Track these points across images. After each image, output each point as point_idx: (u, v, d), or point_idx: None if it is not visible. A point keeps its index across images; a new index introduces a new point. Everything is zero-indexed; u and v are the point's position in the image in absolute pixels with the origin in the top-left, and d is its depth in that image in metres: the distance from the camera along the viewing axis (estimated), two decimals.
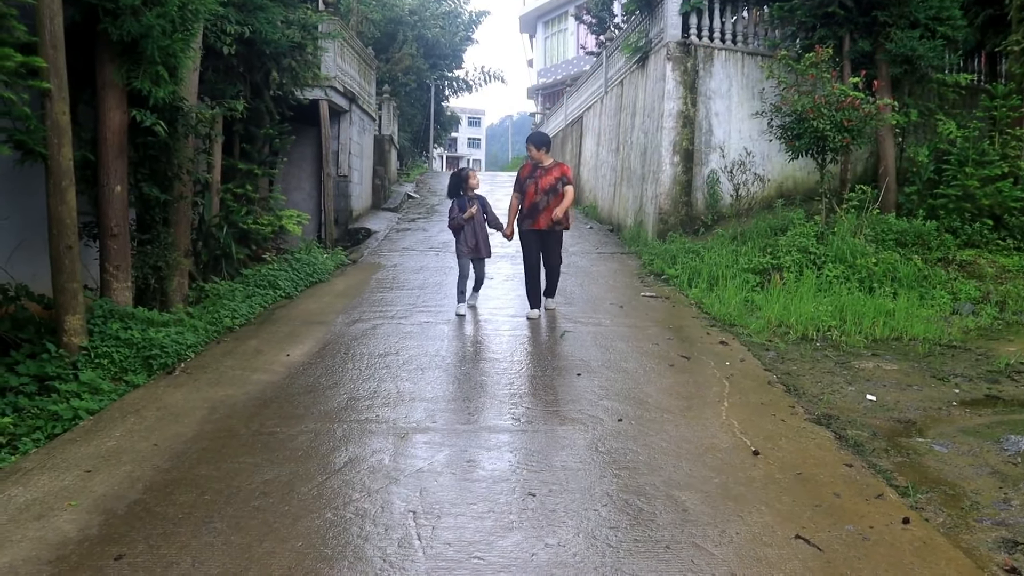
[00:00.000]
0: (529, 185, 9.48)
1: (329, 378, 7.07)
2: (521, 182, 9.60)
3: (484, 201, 10.07)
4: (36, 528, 4.09)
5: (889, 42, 13.35)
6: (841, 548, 3.94)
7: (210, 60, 10.53)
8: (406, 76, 31.16)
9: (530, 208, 9.47)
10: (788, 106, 12.21)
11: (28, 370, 6.48)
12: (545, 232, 9.50)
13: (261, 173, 12.79)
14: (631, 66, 17.66)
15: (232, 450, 5.25)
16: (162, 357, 7.30)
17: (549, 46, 48.88)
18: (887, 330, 9.02)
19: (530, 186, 9.47)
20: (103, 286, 8.01)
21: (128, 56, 7.68)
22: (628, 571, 3.69)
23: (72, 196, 6.82)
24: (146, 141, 8.26)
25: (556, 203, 9.32)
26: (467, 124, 74.22)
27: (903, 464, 5.22)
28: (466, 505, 4.42)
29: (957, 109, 14.91)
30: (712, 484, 4.75)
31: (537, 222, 9.44)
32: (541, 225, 9.43)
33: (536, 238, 9.57)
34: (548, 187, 9.38)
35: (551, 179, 9.41)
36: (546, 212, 9.36)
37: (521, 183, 9.59)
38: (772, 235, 13.09)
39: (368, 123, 21.10)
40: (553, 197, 9.36)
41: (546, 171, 9.47)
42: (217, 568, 3.66)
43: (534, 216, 9.45)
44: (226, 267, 11.16)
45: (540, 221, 9.42)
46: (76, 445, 5.34)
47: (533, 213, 9.45)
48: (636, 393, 6.69)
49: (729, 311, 9.82)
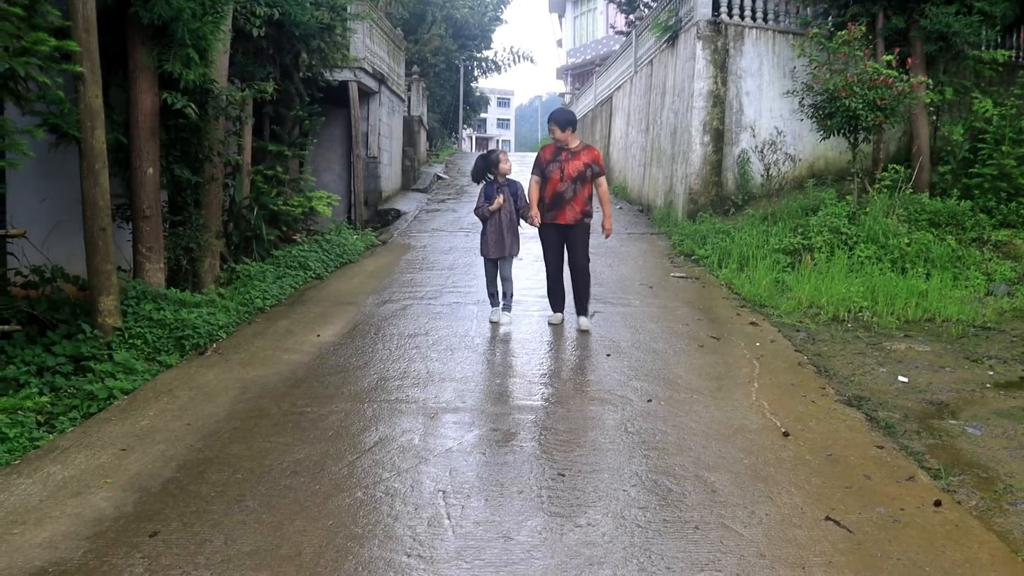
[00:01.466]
0: (553, 170, 7.98)
1: (359, 358, 7.12)
2: (543, 166, 8.07)
3: (517, 188, 8.41)
4: (74, 505, 4.16)
5: (924, 19, 13.11)
6: (871, 530, 3.92)
7: (240, 42, 10.57)
8: (435, 57, 31.11)
9: (553, 198, 7.99)
10: (820, 85, 12.05)
11: (64, 350, 6.57)
12: (570, 227, 8.09)
13: (291, 155, 12.86)
14: (661, 45, 17.51)
15: (263, 430, 5.31)
16: (194, 338, 7.38)
17: (578, 25, 48.57)
18: (920, 311, 8.93)
19: (554, 172, 7.98)
20: (136, 267, 8.10)
21: (159, 39, 7.74)
22: (657, 552, 3.69)
23: (105, 178, 6.89)
24: (177, 123, 8.33)
25: (585, 193, 8.00)
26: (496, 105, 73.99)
27: (935, 446, 5.18)
28: (496, 485, 4.44)
29: (994, 86, 14.64)
30: (741, 465, 4.74)
31: (561, 215, 8.01)
32: (567, 219, 8.01)
33: (558, 234, 8.16)
34: (576, 174, 7.94)
35: (579, 164, 7.96)
36: (573, 204, 7.97)
37: (543, 167, 8.06)
38: (803, 215, 12.98)
39: (397, 104, 21.11)
40: (581, 186, 7.97)
41: (573, 154, 8.01)
42: (249, 546, 3.71)
43: (558, 207, 7.99)
44: (257, 248, 11.25)
45: (566, 214, 7.99)
46: (111, 424, 5.42)
47: (557, 204, 7.99)
48: (666, 374, 6.68)
49: (759, 292, 9.76)
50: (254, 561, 3.57)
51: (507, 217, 8.28)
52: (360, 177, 16.60)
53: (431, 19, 31.57)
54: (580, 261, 8.21)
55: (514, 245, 8.36)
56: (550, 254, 8.28)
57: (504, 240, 8.27)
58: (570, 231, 8.11)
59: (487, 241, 8.33)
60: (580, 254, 8.20)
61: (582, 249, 8.19)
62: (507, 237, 8.28)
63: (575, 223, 8.05)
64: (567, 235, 8.15)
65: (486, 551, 3.70)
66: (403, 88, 22.45)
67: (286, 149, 12.66)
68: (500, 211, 8.24)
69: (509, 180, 8.37)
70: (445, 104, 36.38)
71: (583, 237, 8.16)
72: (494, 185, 8.29)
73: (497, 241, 8.28)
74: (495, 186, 8.29)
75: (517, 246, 8.41)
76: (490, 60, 39.59)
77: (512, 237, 8.32)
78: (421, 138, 26.38)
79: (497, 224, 8.26)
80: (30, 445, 5.00)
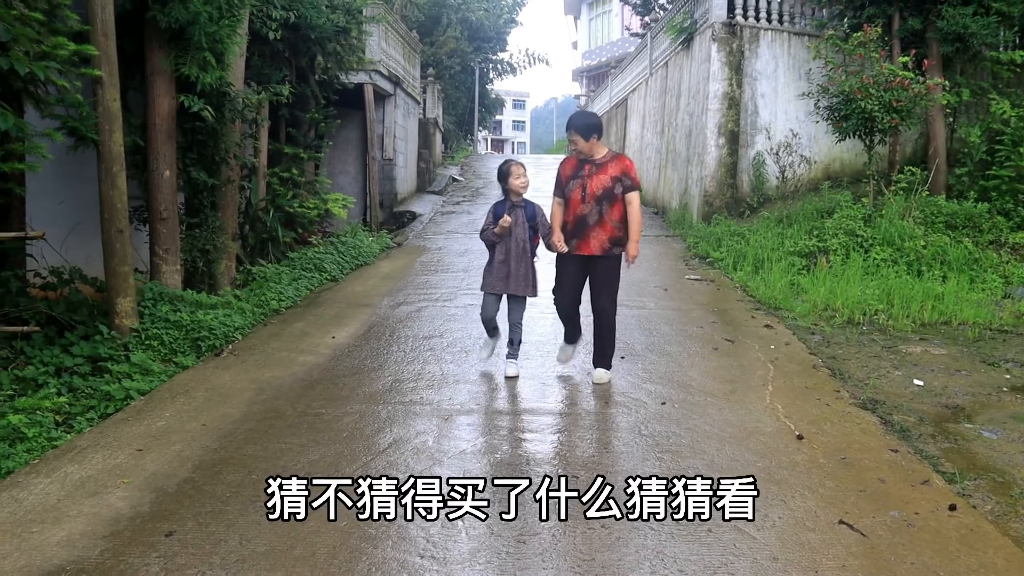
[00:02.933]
0: (574, 189, 6.30)
1: (374, 360, 7.15)
2: (563, 184, 6.40)
3: (536, 211, 6.65)
4: (91, 504, 4.20)
5: (941, 20, 13.04)
6: (885, 534, 3.91)
7: (256, 45, 10.64)
8: (450, 59, 31.21)
9: (576, 224, 6.29)
10: (835, 87, 12.02)
11: (82, 351, 6.63)
12: (594, 259, 6.32)
13: (307, 157, 12.93)
14: (676, 47, 17.50)
15: (278, 431, 5.34)
16: (210, 339, 7.43)
17: (594, 28, 48.58)
18: (936, 314, 8.88)
19: (574, 190, 6.29)
20: (153, 269, 8.17)
21: (176, 43, 7.80)
22: (670, 554, 3.69)
23: (123, 181, 6.95)
24: (194, 126, 8.39)
25: (614, 214, 6.23)
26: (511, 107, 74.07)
27: (950, 450, 5.15)
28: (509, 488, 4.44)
29: (1012, 88, 14.50)
30: (755, 468, 4.73)
31: (584, 243, 6.27)
32: (591, 248, 6.26)
33: (578, 267, 6.38)
34: (601, 191, 6.20)
35: (605, 179, 6.21)
36: (599, 229, 6.22)
37: (563, 186, 6.40)
38: (818, 217, 12.94)
39: (413, 106, 21.17)
40: (609, 207, 6.20)
41: (598, 167, 6.27)
42: (264, 546, 3.73)
43: (581, 235, 6.27)
44: (273, 250, 11.31)
45: (590, 243, 6.25)
46: (128, 424, 5.47)
47: (579, 230, 6.28)
48: (680, 376, 6.68)
49: (774, 294, 9.74)
50: (268, 561, 3.60)
51: (518, 246, 6.54)
52: (375, 179, 16.65)
53: (446, 21, 31.67)
54: (604, 304, 6.40)
55: (524, 283, 6.59)
56: (562, 289, 6.52)
57: (512, 275, 6.54)
58: (594, 265, 6.34)
59: (490, 272, 6.64)
60: (606, 295, 6.38)
61: (608, 289, 6.39)
62: (516, 271, 6.54)
63: (602, 254, 6.28)
64: (590, 269, 6.38)
65: (501, 553, 3.71)
66: (418, 90, 22.51)
67: (302, 151, 12.73)
68: (510, 237, 6.54)
69: (526, 201, 6.65)
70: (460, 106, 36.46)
71: (611, 273, 6.37)
72: (505, 204, 6.59)
73: (503, 276, 6.55)
74: (506, 205, 6.58)
75: (529, 285, 6.61)
76: (505, 62, 39.67)
77: (523, 271, 6.57)
78: (436, 140, 26.44)
79: (505, 253, 6.55)
80: (48, 445, 5.05)
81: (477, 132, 43.72)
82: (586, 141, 6.25)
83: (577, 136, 6.28)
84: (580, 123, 6.33)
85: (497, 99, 44.67)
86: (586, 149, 6.29)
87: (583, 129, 6.26)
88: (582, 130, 6.26)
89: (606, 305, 6.39)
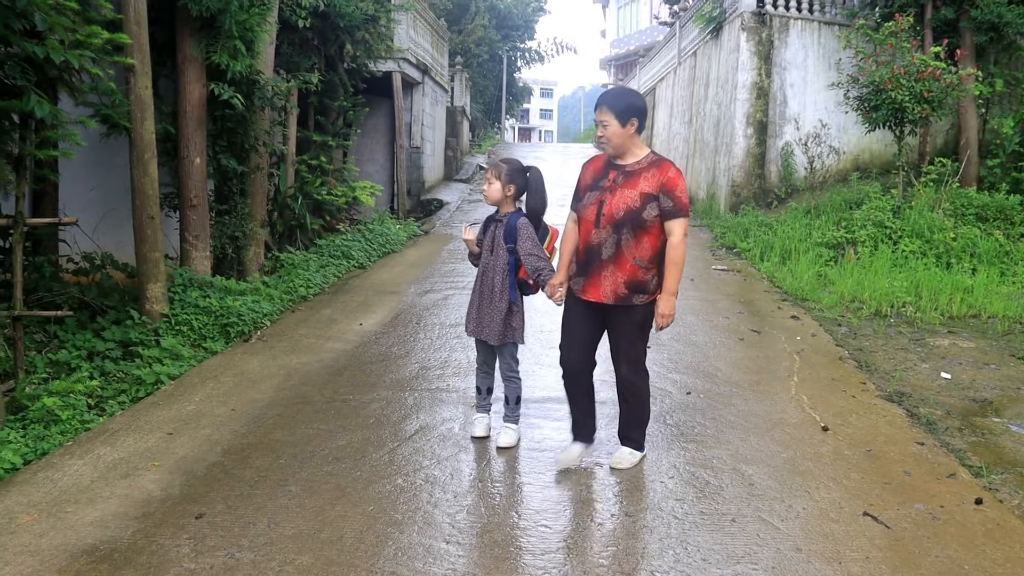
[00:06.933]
0: (588, 205, 4.36)
1: (401, 347, 7.20)
2: (580, 195, 4.48)
3: (519, 231, 4.70)
4: (123, 486, 4.27)
5: (975, 9, 12.88)
6: (910, 527, 3.91)
7: (285, 34, 10.70)
8: (478, 47, 31.16)
9: (585, 256, 4.39)
10: (865, 77, 11.90)
11: (113, 336, 6.73)
12: (607, 309, 4.39)
13: (335, 145, 13.00)
14: (705, 37, 17.39)
15: (306, 416, 5.40)
16: (239, 325, 7.51)
17: (622, 16, 48.31)
18: (965, 307, 8.80)
19: (588, 207, 4.35)
20: (183, 255, 8.26)
21: (207, 31, 7.86)
22: (693, 543, 3.71)
23: (154, 168, 7.04)
24: (224, 114, 8.46)
25: (639, 248, 4.24)
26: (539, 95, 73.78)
27: (977, 444, 5.12)
28: (534, 475, 4.48)
29: None
30: (780, 459, 4.74)
31: (594, 286, 4.35)
32: (602, 293, 4.33)
33: (587, 315, 4.47)
34: (624, 214, 4.22)
35: (632, 196, 4.23)
36: (615, 268, 4.27)
37: (580, 197, 4.47)
38: (847, 209, 12.86)
39: (440, 94, 21.19)
40: (632, 237, 4.24)
41: (627, 176, 4.30)
42: (292, 529, 3.79)
43: (588, 272, 4.37)
44: (301, 237, 11.39)
45: (601, 284, 4.32)
46: (158, 408, 5.55)
47: (588, 265, 4.36)
48: (705, 366, 6.67)
49: (801, 285, 9.69)
50: (296, 544, 3.65)
51: (486, 276, 4.83)
52: (403, 167, 16.70)
53: (475, 9, 31.61)
54: (625, 372, 4.49)
55: (500, 326, 4.77)
56: (566, 342, 4.58)
57: (478, 313, 4.85)
58: (608, 316, 4.44)
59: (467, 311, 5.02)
60: (626, 356, 4.46)
61: (630, 352, 4.45)
62: (481, 309, 4.83)
63: (616, 303, 4.33)
64: (603, 320, 4.48)
65: (524, 538, 3.74)
66: (446, 79, 22.52)
67: (330, 139, 12.80)
68: (482, 261, 4.87)
69: (512, 215, 4.78)
70: (488, 95, 36.43)
71: (634, 331, 4.42)
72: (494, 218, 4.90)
73: (473, 313, 4.91)
74: (487, 219, 4.94)
75: (506, 329, 4.79)
76: (533, 50, 39.54)
77: (490, 311, 4.79)
78: (464, 128, 26.45)
79: (477, 281, 4.90)
80: (81, 427, 5.14)
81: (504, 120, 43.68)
82: (622, 126, 4.26)
83: (609, 115, 4.27)
84: (616, 100, 4.32)
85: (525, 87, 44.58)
86: (618, 142, 4.29)
87: (621, 109, 4.27)
88: (618, 109, 4.26)
89: (627, 373, 4.48)
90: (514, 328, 4.80)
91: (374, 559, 3.54)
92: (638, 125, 4.29)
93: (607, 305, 4.34)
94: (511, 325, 4.78)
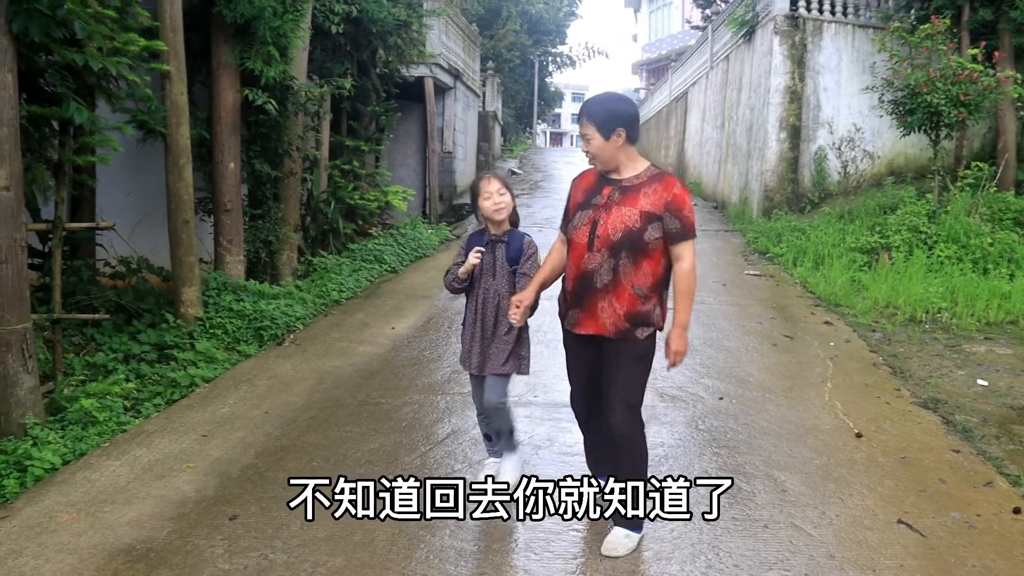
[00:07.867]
0: (579, 226, 3.73)
1: (433, 351, 7.22)
2: (569, 214, 3.86)
3: (525, 249, 4.23)
4: (158, 487, 4.33)
5: (1014, 10, 12.67)
6: (945, 535, 3.86)
7: (318, 39, 10.79)
8: (510, 52, 31.25)
9: (577, 284, 3.76)
10: (901, 80, 11.77)
11: (149, 339, 6.81)
12: (604, 342, 3.75)
13: (367, 149, 13.08)
14: (737, 41, 17.29)
15: (339, 419, 5.43)
16: (272, 328, 7.57)
17: (654, 20, 48.26)
18: (1002, 313, 8.67)
19: (580, 227, 3.72)
20: (217, 259, 8.35)
21: (241, 37, 7.95)
22: (725, 549, 3.69)
23: (189, 173, 7.13)
24: (257, 119, 8.55)
25: (638, 275, 3.63)
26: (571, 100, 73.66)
27: (1015, 452, 5.05)
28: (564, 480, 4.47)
29: None
30: (813, 465, 4.70)
31: (589, 317, 3.73)
32: (600, 326, 3.70)
33: (585, 352, 3.90)
34: (621, 235, 3.59)
35: (632, 216, 3.60)
36: (611, 298, 3.65)
37: (569, 217, 3.85)
38: (881, 213, 12.71)
39: (472, 99, 21.24)
40: (632, 262, 3.62)
41: (623, 192, 3.67)
42: (324, 532, 3.81)
43: (581, 303, 3.75)
44: (333, 242, 11.47)
45: (597, 316, 3.69)
46: (193, 411, 5.61)
47: (582, 296, 3.74)
48: (738, 372, 6.63)
49: (835, 291, 9.60)
50: (329, 547, 3.67)
51: (490, 302, 4.25)
52: (435, 172, 16.75)
53: (506, 15, 31.70)
54: (617, 414, 3.71)
55: (496, 357, 4.21)
56: (574, 388, 4.13)
57: (478, 346, 4.24)
58: (604, 350, 3.79)
59: (462, 344, 4.42)
60: (616, 397, 3.73)
61: (622, 390, 3.73)
62: (483, 341, 4.24)
63: (614, 335, 3.69)
64: (600, 356, 3.83)
65: (555, 541, 3.75)
66: (478, 83, 22.58)
67: (363, 144, 12.88)
68: (481, 287, 4.27)
69: (514, 233, 4.31)
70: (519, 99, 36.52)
71: (629, 366, 3.74)
72: (483, 236, 4.32)
73: (467, 347, 4.32)
74: (484, 239, 4.30)
75: (508, 360, 4.21)
76: (564, 55, 39.62)
77: (494, 342, 4.22)
78: (495, 133, 26.51)
79: (474, 311, 4.29)
80: (118, 429, 5.20)
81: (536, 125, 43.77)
82: (605, 139, 3.62)
83: (590, 127, 3.64)
84: (597, 109, 3.66)
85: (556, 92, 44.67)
86: (605, 156, 3.67)
87: (602, 119, 3.62)
88: (600, 120, 3.62)
89: (620, 419, 3.70)
90: (522, 357, 4.29)
91: (406, 561, 3.56)
92: (626, 135, 3.62)
93: (602, 338, 3.72)
94: (520, 355, 4.26)
